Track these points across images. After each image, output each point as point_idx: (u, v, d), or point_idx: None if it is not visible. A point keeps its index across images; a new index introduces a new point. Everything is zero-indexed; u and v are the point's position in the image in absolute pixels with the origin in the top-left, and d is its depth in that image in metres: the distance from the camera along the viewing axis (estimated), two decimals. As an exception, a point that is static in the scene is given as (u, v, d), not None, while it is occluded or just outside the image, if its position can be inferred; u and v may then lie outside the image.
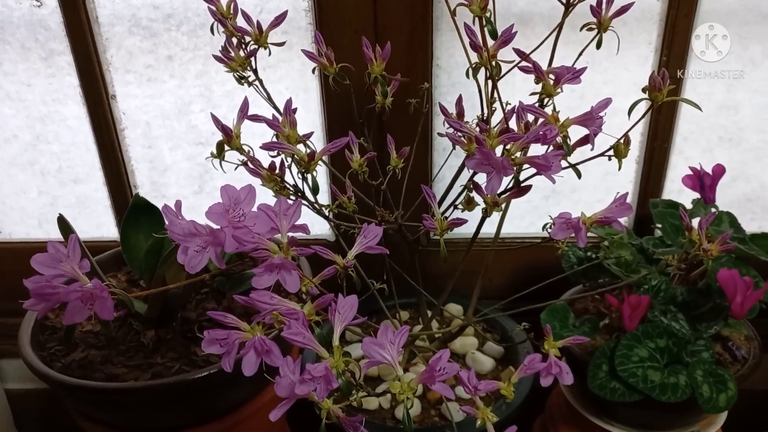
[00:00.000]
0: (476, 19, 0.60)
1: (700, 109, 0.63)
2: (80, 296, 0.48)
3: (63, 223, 0.82)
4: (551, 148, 0.58)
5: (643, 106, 0.67)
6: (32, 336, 0.86)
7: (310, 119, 1.05)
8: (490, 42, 0.63)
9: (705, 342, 0.81)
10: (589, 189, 1.07)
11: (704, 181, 0.86)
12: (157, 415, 0.82)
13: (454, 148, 0.68)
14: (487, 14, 0.59)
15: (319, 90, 1.02)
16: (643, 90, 0.62)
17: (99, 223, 1.15)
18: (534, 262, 1.09)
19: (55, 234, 1.17)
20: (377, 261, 0.72)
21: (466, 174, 0.79)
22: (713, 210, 0.92)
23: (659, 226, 0.87)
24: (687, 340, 0.80)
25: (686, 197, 0.98)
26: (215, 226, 0.56)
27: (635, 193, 1.08)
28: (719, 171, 0.86)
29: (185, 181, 1.12)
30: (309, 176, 0.62)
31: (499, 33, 0.61)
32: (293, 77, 1.03)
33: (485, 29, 0.60)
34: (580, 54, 0.71)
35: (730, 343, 0.88)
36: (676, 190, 1.06)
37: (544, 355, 0.62)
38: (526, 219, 1.11)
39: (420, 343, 0.92)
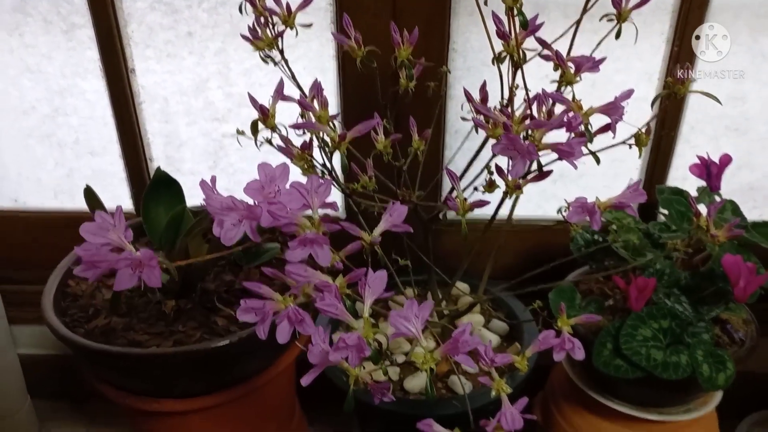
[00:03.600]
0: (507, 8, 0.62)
1: (719, 102, 0.65)
2: (130, 264, 0.50)
3: (90, 195, 0.85)
4: (572, 135, 0.61)
5: (647, 95, 0.69)
6: (54, 303, 0.88)
7: (325, 87, 1.07)
8: (518, 30, 0.65)
9: (705, 324, 0.85)
10: (597, 174, 1.10)
11: (711, 170, 0.88)
12: (178, 381, 0.85)
13: (476, 131, 0.70)
14: (518, 4, 0.62)
15: (336, 71, 1.04)
16: (665, 82, 0.65)
17: (114, 195, 1.17)
18: (540, 244, 1.12)
19: (70, 205, 1.20)
20: (389, 238, 0.75)
21: (481, 157, 0.82)
22: (717, 198, 0.95)
23: (665, 212, 0.90)
24: (689, 322, 0.83)
25: (690, 184, 1.01)
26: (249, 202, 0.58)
27: (641, 179, 1.11)
28: (726, 160, 0.89)
29: (200, 156, 1.15)
30: (336, 156, 0.64)
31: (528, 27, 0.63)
32: (311, 57, 1.04)
33: (516, 18, 0.62)
34: (599, 43, 0.73)
35: (729, 326, 0.92)
36: (681, 177, 1.09)
37: (557, 332, 0.65)
38: (533, 201, 1.14)
39: (429, 318, 0.95)
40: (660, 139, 1.06)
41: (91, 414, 1.34)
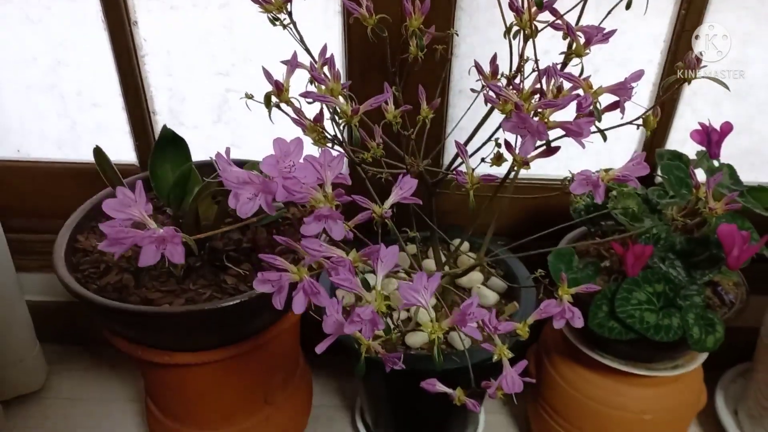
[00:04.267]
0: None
1: (727, 88, 0.66)
2: (153, 241, 0.52)
3: (99, 154, 0.86)
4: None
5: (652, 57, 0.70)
6: (66, 258, 0.90)
7: (331, 51, 1.07)
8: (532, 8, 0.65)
9: (698, 287, 0.88)
10: (596, 135, 1.11)
11: (711, 138, 0.90)
12: (189, 337, 0.88)
13: (485, 103, 0.71)
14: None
15: (341, 28, 1.04)
16: (677, 68, 0.65)
17: (118, 147, 1.18)
18: (540, 204, 1.14)
19: (74, 156, 1.20)
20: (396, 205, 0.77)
21: (486, 126, 0.83)
22: (715, 163, 0.97)
23: (665, 177, 0.92)
24: (682, 286, 0.87)
25: (690, 147, 1.03)
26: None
27: (641, 141, 1.12)
28: (727, 129, 0.90)
29: (204, 110, 1.15)
30: (351, 128, 0.65)
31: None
32: (316, 13, 1.03)
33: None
34: (609, 13, 0.74)
35: (720, 288, 0.95)
36: (681, 139, 1.10)
37: (558, 300, 0.68)
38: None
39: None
40: (662, 102, 1.06)
41: (98, 356, 1.39)
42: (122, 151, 1.18)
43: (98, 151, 0.86)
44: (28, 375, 1.28)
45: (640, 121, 0.68)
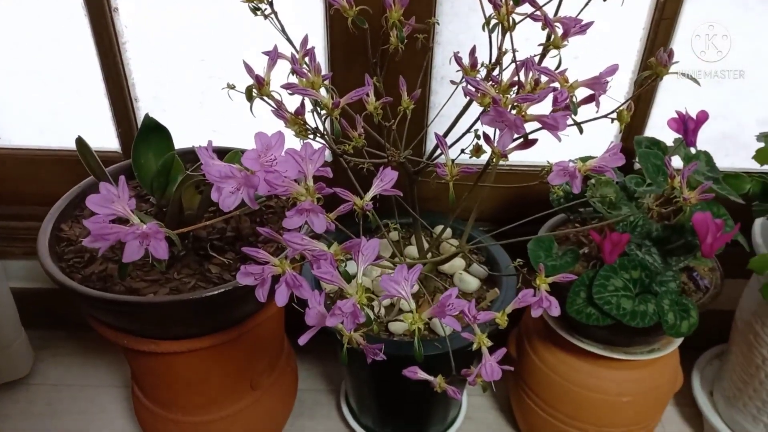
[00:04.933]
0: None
1: (698, 83, 0.68)
2: (137, 237, 0.53)
3: (81, 144, 0.86)
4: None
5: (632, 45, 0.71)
6: (50, 247, 0.91)
7: (312, 40, 1.07)
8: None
9: (673, 273, 0.90)
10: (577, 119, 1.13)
11: (688, 126, 0.91)
12: (174, 325, 0.88)
13: (464, 95, 0.72)
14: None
15: (323, 15, 1.03)
16: (649, 65, 0.66)
17: (100, 134, 1.17)
18: (518, 193, 1.16)
19: (57, 143, 1.20)
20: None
21: (466, 116, 0.84)
22: (692, 150, 0.99)
23: (642, 165, 0.94)
24: (658, 272, 0.89)
25: (668, 133, 1.04)
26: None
27: (620, 127, 1.13)
28: (703, 117, 0.91)
29: (186, 96, 1.14)
30: (332, 120, 0.66)
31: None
32: (298, 2, 1.03)
33: (508, -7, 0.63)
34: (587, 4, 0.75)
35: (695, 274, 0.97)
36: (660, 125, 1.12)
37: (535, 289, 0.70)
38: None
39: (410, 261, 1.00)
40: (640, 88, 1.08)
41: (83, 342, 1.39)
42: (105, 138, 1.18)
43: (80, 141, 0.86)
44: (14, 361, 1.28)
45: (614, 115, 0.69)
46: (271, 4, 0.77)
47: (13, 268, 1.31)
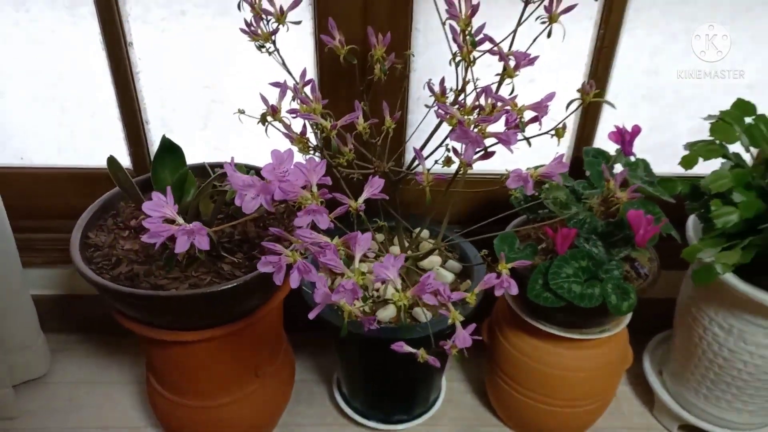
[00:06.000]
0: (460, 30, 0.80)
1: (613, 107, 0.84)
2: (186, 233, 0.67)
3: (113, 163, 1.00)
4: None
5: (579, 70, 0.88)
6: (81, 253, 1.04)
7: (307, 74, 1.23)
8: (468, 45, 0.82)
9: (616, 263, 1.06)
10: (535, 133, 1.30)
11: (625, 138, 1.08)
12: (192, 317, 1.03)
13: (436, 117, 0.88)
14: (469, 28, 0.78)
15: (314, 47, 1.19)
16: (578, 90, 0.83)
17: (113, 153, 1.30)
18: (488, 196, 1.32)
19: (74, 161, 1.34)
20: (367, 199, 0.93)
21: (439, 132, 0.99)
22: (632, 158, 1.16)
23: (588, 172, 1.10)
24: (602, 261, 1.05)
25: (613, 144, 1.21)
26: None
27: (573, 139, 1.30)
28: (636, 130, 1.08)
29: (191, 118, 1.29)
30: (329, 138, 0.81)
31: (476, 39, 0.80)
32: (291, 34, 1.18)
33: (467, 38, 0.79)
34: (534, 41, 0.91)
35: (636, 263, 1.14)
36: (606, 138, 1.29)
37: (498, 274, 0.85)
38: (483, 158, 1.33)
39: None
40: (588, 106, 1.25)
41: (96, 345, 1.52)
42: (118, 157, 1.31)
43: (112, 159, 1.00)
44: (33, 361, 1.41)
45: (554, 132, 0.85)
46: (274, 43, 0.93)
47: (34, 276, 1.44)
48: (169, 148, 1.09)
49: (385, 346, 0.89)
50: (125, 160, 1.33)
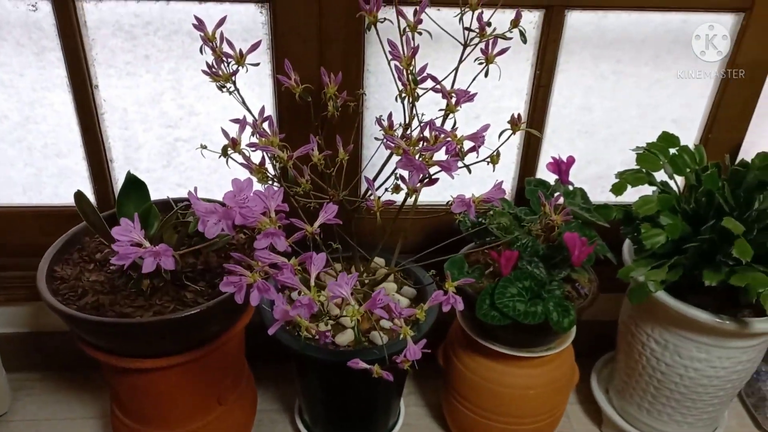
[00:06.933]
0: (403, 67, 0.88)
1: (540, 136, 0.93)
2: (152, 254, 0.73)
3: (80, 198, 1.05)
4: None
5: (518, 106, 0.97)
6: (47, 285, 1.08)
7: (266, 111, 1.30)
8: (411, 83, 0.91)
9: (557, 283, 1.14)
10: (483, 166, 1.38)
11: (561, 168, 1.18)
12: (157, 344, 1.07)
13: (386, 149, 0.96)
14: (411, 68, 0.87)
15: (272, 86, 1.27)
16: (508, 122, 0.92)
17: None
18: (439, 225, 1.40)
19: (38, 200, 1.38)
20: (322, 225, 1.00)
21: (390, 164, 1.07)
22: (570, 188, 1.25)
23: (529, 200, 1.19)
24: (544, 282, 1.13)
25: (553, 175, 1.31)
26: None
27: (517, 170, 1.40)
28: (571, 161, 1.18)
29: (155, 157, 1.35)
30: (286, 168, 0.88)
31: (418, 77, 0.89)
32: (251, 75, 1.26)
33: (410, 77, 0.87)
34: (473, 80, 1.00)
35: (577, 284, 1.22)
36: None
37: (445, 291, 0.92)
38: (434, 189, 1.41)
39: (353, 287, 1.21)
40: (530, 139, 1.35)
41: (57, 382, 1.53)
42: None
43: (79, 195, 1.05)
44: (-5, 399, 1.42)
45: (489, 159, 0.94)
46: (234, 83, 1.00)
47: (-6, 314, 1.46)
48: (134, 184, 1.15)
49: (344, 370, 0.95)
50: (90, 199, 1.37)
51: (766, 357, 1.46)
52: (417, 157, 0.84)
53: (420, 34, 0.93)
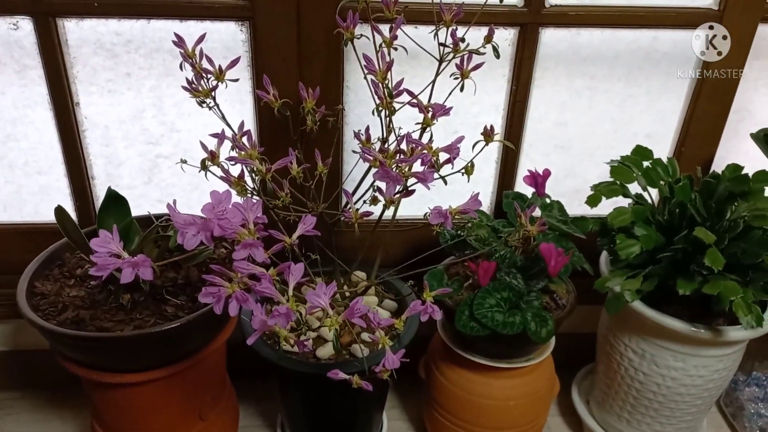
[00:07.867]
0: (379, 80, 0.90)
1: (513, 148, 0.96)
2: (131, 265, 0.73)
3: (60, 213, 1.05)
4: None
5: (495, 121, 0.99)
6: (28, 301, 1.08)
7: (246, 122, 1.32)
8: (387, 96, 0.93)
9: (536, 294, 1.16)
10: (462, 182, 1.40)
11: (537, 181, 1.20)
12: (138, 358, 1.07)
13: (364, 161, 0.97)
14: (386, 82, 0.89)
15: (253, 103, 1.29)
16: (482, 134, 0.94)
17: (59, 208, 1.36)
18: (420, 238, 1.41)
19: (18, 217, 1.38)
20: (302, 238, 1.01)
21: (369, 177, 1.09)
22: (547, 200, 1.27)
23: (507, 212, 1.21)
24: (522, 293, 1.15)
25: (530, 188, 1.33)
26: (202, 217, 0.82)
27: (495, 184, 1.42)
28: (547, 173, 1.20)
29: (136, 173, 1.35)
30: (265, 182, 0.89)
31: (394, 92, 0.91)
32: (231, 91, 1.28)
33: (385, 90, 0.89)
34: (449, 94, 1.02)
35: (555, 295, 1.24)
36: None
37: (423, 301, 0.93)
38: (415, 204, 1.42)
39: (333, 299, 1.22)
40: (507, 154, 1.37)
41: (36, 401, 1.52)
42: (63, 211, 1.36)
43: (59, 210, 1.05)
44: (-27, 419, 1.40)
45: (464, 170, 0.96)
46: (214, 99, 1.02)
47: (-28, 333, 1.45)
48: (115, 199, 1.15)
49: (325, 383, 0.95)
50: (71, 215, 1.37)
51: (743, 366, 1.49)
52: (393, 168, 0.86)
53: (395, 49, 0.96)
